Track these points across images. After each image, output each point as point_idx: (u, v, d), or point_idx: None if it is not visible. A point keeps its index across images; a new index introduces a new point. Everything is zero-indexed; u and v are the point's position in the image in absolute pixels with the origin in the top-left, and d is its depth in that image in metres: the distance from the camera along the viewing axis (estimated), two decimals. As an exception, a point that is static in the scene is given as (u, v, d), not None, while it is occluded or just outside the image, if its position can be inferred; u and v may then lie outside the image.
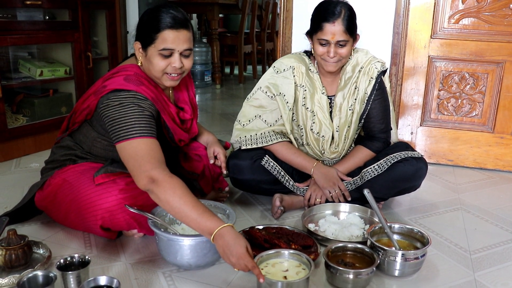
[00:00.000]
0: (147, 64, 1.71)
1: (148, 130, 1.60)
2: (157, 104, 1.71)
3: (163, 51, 1.66)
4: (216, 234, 1.44)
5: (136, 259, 1.69)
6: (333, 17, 1.90)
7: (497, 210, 2.23)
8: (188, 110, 1.90)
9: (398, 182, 2.01)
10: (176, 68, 1.69)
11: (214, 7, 5.17)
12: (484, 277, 1.64)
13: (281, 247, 1.62)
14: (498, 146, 2.73)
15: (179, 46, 1.67)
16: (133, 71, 1.73)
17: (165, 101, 1.78)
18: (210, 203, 1.80)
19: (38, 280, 1.37)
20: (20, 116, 2.88)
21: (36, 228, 1.89)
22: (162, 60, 1.67)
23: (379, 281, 1.59)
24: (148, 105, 1.65)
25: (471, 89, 2.71)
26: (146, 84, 1.71)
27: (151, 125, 1.62)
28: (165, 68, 1.69)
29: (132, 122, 1.58)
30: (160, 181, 1.50)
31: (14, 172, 2.54)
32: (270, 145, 2.09)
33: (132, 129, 1.57)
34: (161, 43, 1.65)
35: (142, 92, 1.66)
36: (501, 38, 2.58)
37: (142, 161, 1.53)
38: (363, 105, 2.08)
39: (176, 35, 1.66)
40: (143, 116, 1.61)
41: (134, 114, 1.60)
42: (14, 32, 2.65)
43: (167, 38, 1.65)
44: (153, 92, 1.72)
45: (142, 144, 1.56)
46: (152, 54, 1.67)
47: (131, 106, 1.61)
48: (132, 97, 1.63)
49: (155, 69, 1.70)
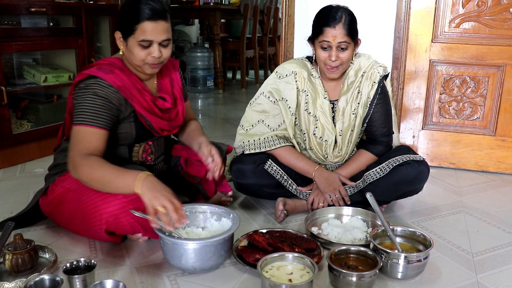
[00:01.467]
0: (128, 53, 1.77)
1: (94, 118, 1.69)
2: (124, 92, 1.75)
3: (142, 42, 1.71)
4: (140, 181, 1.56)
5: (141, 263, 1.70)
6: (334, 22, 1.93)
7: (499, 212, 2.24)
8: (168, 99, 1.92)
9: (400, 185, 2.02)
10: (155, 58, 1.74)
11: (216, 12, 5.19)
12: (487, 279, 1.65)
13: (284, 250, 1.64)
14: (500, 149, 2.74)
15: (158, 37, 1.72)
16: (109, 61, 1.81)
17: (138, 89, 1.81)
18: (215, 207, 1.81)
19: (44, 284, 1.39)
20: (25, 121, 2.91)
21: (42, 233, 1.91)
22: (141, 50, 1.72)
23: (382, 283, 1.60)
24: (110, 92, 1.72)
25: (472, 93, 2.72)
26: (117, 72, 1.76)
27: (101, 114, 1.70)
28: (145, 58, 1.74)
29: (81, 109, 1.69)
30: (78, 164, 1.64)
31: (19, 178, 2.56)
32: (273, 150, 2.10)
33: (79, 116, 1.69)
34: (140, 35, 1.70)
35: (107, 79, 1.72)
36: (501, 41, 2.60)
37: (72, 148, 1.68)
38: (366, 109, 2.10)
39: (155, 26, 1.70)
40: (95, 104, 1.69)
41: (87, 102, 1.69)
42: (19, 38, 2.68)
43: (146, 30, 1.69)
44: (123, 81, 1.76)
45: (81, 131, 1.68)
46: (132, 44, 1.72)
47: (88, 93, 1.70)
48: (93, 84, 1.71)
49: (136, 59, 1.74)
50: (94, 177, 1.62)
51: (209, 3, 6.02)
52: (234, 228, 1.64)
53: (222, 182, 2.14)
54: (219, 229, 1.74)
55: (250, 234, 1.76)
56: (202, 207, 1.82)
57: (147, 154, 1.94)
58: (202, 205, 1.83)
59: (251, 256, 1.64)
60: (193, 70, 5.50)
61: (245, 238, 1.80)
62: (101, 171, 1.62)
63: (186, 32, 6.79)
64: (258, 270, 1.48)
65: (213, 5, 5.71)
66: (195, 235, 1.71)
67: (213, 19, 5.23)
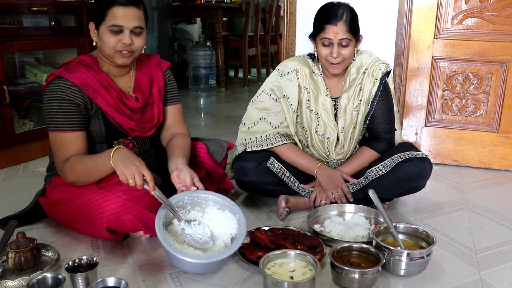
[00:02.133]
0: (100, 43, 1.76)
1: (66, 123, 1.72)
2: (86, 90, 1.74)
3: (112, 27, 1.70)
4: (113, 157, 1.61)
5: (143, 261, 1.70)
6: (336, 19, 1.92)
7: (503, 209, 2.23)
8: (140, 99, 1.88)
9: (402, 182, 2.02)
10: (125, 44, 1.73)
11: (218, 10, 5.19)
12: (490, 276, 1.65)
13: (287, 247, 1.63)
14: (503, 146, 2.73)
15: (129, 23, 1.71)
16: (79, 59, 1.81)
17: (104, 86, 1.79)
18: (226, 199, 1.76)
19: (47, 282, 1.39)
20: (27, 121, 2.91)
21: (44, 231, 1.91)
22: (112, 36, 1.72)
23: (384, 280, 1.60)
24: (72, 92, 1.73)
25: (475, 89, 2.71)
26: (82, 70, 1.76)
27: (71, 117, 1.73)
28: (115, 45, 1.73)
29: (54, 114, 1.72)
30: (63, 170, 1.72)
31: (22, 176, 2.57)
32: (275, 147, 2.10)
33: (52, 122, 1.73)
34: (111, 20, 1.70)
35: (70, 78, 1.72)
36: (504, 38, 2.59)
37: (56, 157, 1.74)
38: (368, 106, 2.10)
39: (125, 11, 1.70)
40: (64, 108, 1.72)
41: (56, 107, 1.72)
42: (21, 38, 2.68)
43: (116, 14, 1.69)
44: (87, 78, 1.75)
45: (58, 138, 1.73)
46: (103, 31, 1.72)
47: (55, 96, 1.72)
48: (56, 86, 1.73)
49: (106, 46, 1.73)
50: (78, 172, 1.69)
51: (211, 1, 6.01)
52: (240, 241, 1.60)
53: (224, 179, 2.14)
54: (220, 221, 1.72)
55: (252, 232, 1.76)
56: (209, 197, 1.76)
57: (129, 148, 1.90)
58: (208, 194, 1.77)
59: (254, 253, 1.64)
60: (195, 68, 5.50)
61: (247, 235, 1.80)
62: (81, 165, 1.68)
63: (188, 31, 6.79)
64: (261, 267, 1.48)
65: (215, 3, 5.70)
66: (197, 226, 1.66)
67: (215, 17, 5.23)
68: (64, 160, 1.72)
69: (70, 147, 1.72)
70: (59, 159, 1.73)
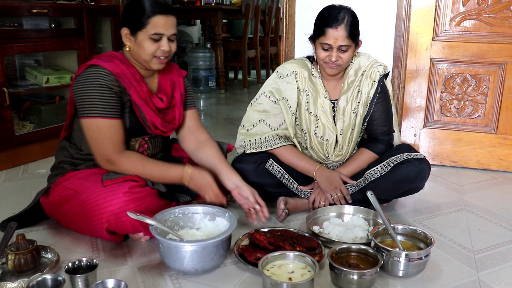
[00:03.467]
0: (137, 48, 1.79)
1: (110, 110, 1.75)
2: (122, 80, 1.78)
3: (154, 35, 1.75)
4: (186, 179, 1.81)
5: (143, 263, 1.71)
6: (336, 23, 1.93)
7: (501, 210, 2.24)
8: (165, 100, 1.93)
9: (401, 183, 2.02)
10: (165, 51, 1.78)
11: (217, 12, 5.20)
12: (488, 277, 1.65)
13: (286, 249, 1.64)
14: (502, 147, 2.74)
15: (168, 30, 1.77)
16: (109, 53, 1.85)
17: (136, 80, 1.83)
18: (209, 207, 1.81)
19: (47, 284, 1.40)
20: (27, 123, 2.92)
21: (44, 233, 1.92)
22: (152, 44, 1.76)
23: (383, 281, 1.61)
24: (111, 80, 1.75)
25: (474, 91, 2.72)
26: (115, 62, 1.79)
27: (113, 104, 1.76)
28: (155, 52, 1.78)
29: (95, 100, 1.73)
30: (116, 162, 1.76)
31: (22, 178, 2.58)
32: (274, 149, 2.10)
33: (94, 109, 1.73)
34: (152, 28, 1.74)
35: (107, 67, 1.75)
36: (502, 39, 2.60)
37: (102, 145, 1.76)
38: (366, 108, 2.11)
39: (166, 20, 1.76)
40: (106, 95, 1.74)
41: (97, 92, 1.73)
42: (21, 40, 2.69)
43: (157, 24, 1.74)
44: (122, 69, 1.79)
45: (104, 126, 1.75)
46: (143, 38, 1.76)
47: (95, 82, 1.73)
48: (95, 73, 1.74)
49: (146, 53, 1.77)
50: (137, 172, 1.76)
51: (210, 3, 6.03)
52: (233, 227, 1.65)
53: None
54: (214, 229, 1.75)
55: (251, 233, 1.77)
56: (196, 208, 1.81)
57: (143, 149, 1.94)
58: (196, 206, 1.82)
59: (253, 255, 1.65)
60: (195, 70, 5.51)
61: (246, 237, 1.81)
62: (144, 169, 1.78)
63: (188, 33, 6.80)
64: (259, 268, 1.49)
65: (214, 5, 5.72)
66: (191, 236, 1.71)
67: (215, 19, 5.24)
68: (115, 150, 1.76)
69: (116, 134, 1.77)
70: (105, 147, 1.75)
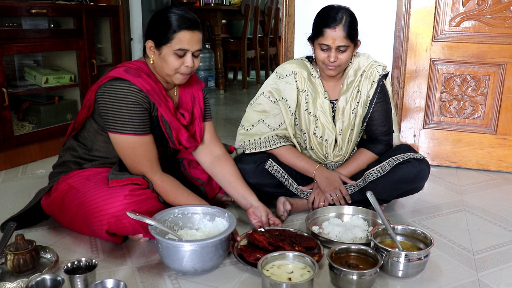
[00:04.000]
0: (160, 62, 1.77)
1: (142, 127, 1.75)
2: (152, 96, 1.77)
3: (178, 51, 1.73)
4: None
5: (142, 263, 1.70)
6: (334, 23, 1.93)
7: (500, 211, 2.24)
8: (187, 117, 1.92)
9: (400, 183, 2.02)
10: (188, 67, 1.77)
11: (217, 13, 5.20)
12: (488, 277, 1.65)
13: (285, 249, 1.64)
14: (501, 148, 2.74)
15: (193, 46, 1.75)
16: (136, 65, 1.81)
17: (163, 95, 1.82)
18: (208, 208, 1.81)
19: (46, 284, 1.39)
20: (26, 123, 2.92)
21: (43, 233, 1.91)
22: (176, 59, 1.74)
23: (382, 282, 1.60)
24: (142, 97, 1.73)
25: (473, 91, 2.72)
26: (144, 77, 1.77)
27: (145, 121, 1.77)
28: (179, 68, 1.76)
29: (127, 117, 1.72)
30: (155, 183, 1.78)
31: (21, 179, 2.57)
32: (273, 149, 2.10)
33: (127, 125, 1.73)
34: (177, 44, 1.72)
35: (137, 83, 1.73)
36: (502, 40, 2.60)
37: (138, 162, 1.77)
38: (366, 109, 2.11)
39: (192, 36, 1.73)
40: (138, 112, 1.73)
41: (129, 110, 1.72)
42: (20, 40, 2.69)
43: (183, 39, 1.72)
44: (151, 85, 1.77)
45: (137, 143, 1.75)
46: (167, 53, 1.73)
47: (127, 100, 1.71)
48: (126, 89, 1.72)
49: (169, 68, 1.75)
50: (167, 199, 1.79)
51: (210, 4, 6.03)
52: (233, 227, 1.65)
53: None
54: (213, 229, 1.75)
55: (249, 234, 1.77)
56: (195, 208, 1.80)
57: None
58: (195, 206, 1.81)
59: (252, 255, 1.65)
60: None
61: (244, 237, 1.81)
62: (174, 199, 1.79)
63: (187, 33, 6.78)
64: (259, 269, 1.48)
65: (214, 6, 5.72)
66: (190, 236, 1.70)
67: (214, 19, 5.24)
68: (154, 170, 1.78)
69: (150, 150, 1.78)
70: (143, 164, 1.77)
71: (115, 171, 1.75)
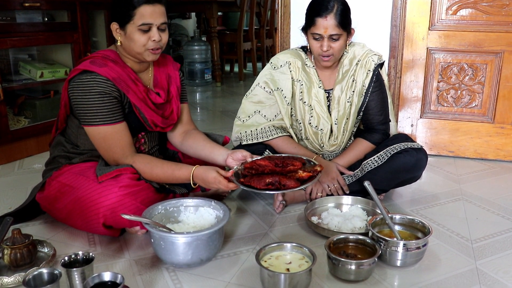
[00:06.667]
0: (128, 42, 1.76)
1: (111, 116, 1.75)
2: (119, 84, 1.75)
3: (142, 26, 1.71)
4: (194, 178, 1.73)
5: (139, 256, 1.70)
6: (326, 12, 1.92)
7: (498, 199, 2.24)
8: (162, 95, 1.92)
9: (398, 173, 2.02)
10: (155, 42, 1.75)
11: (212, 5, 5.17)
12: (486, 266, 1.65)
13: (294, 166, 1.68)
14: (499, 136, 2.73)
15: (157, 20, 1.73)
16: (102, 54, 1.80)
17: (133, 80, 1.81)
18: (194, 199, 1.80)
19: (43, 278, 1.39)
20: (22, 118, 2.90)
21: (40, 227, 1.91)
22: (142, 35, 1.73)
23: (381, 271, 1.60)
24: (109, 85, 1.73)
25: (470, 80, 2.71)
26: (110, 65, 1.76)
27: (114, 109, 1.75)
28: (146, 43, 1.74)
29: (95, 109, 1.72)
30: (133, 165, 1.76)
31: (18, 173, 2.56)
32: (270, 140, 2.10)
33: (96, 117, 1.73)
34: (140, 19, 1.71)
35: (102, 73, 1.72)
36: (499, 28, 2.59)
37: (109, 150, 1.77)
38: (361, 98, 2.10)
39: (153, 9, 1.72)
40: (106, 102, 1.73)
41: (97, 101, 1.72)
42: (14, 34, 2.67)
43: (144, 13, 1.70)
44: (117, 72, 1.76)
45: (107, 132, 1.75)
46: (132, 31, 1.73)
47: (94, 91, 1.71)
48: (92, 81, 1.71)
49: (137, 45, 1.74)
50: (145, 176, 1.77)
51: (205, -4, 5.98)
52: (227, 217, 1.63)
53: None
54: (196, 220, 1.73)
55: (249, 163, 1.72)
56: (179, 201, 1.79)
57: (140, 144, 1.95)
58: (180, 199, 1.80)
59: (262, 181, 1.64)
60: (191, 63, 5.48)
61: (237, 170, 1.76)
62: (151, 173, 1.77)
63: (183, 26, 6.77)
64: (257, 259, 1.48)
65: (209, -2, 5.67)
66: (179, 230, 1.69)
67: (210, 12, 5.21)
68: (126, 154, 1.77)
69: (123, 137, 1.77)
70: (116, 152, 1.76)
71: (101, 166, 1.75)
